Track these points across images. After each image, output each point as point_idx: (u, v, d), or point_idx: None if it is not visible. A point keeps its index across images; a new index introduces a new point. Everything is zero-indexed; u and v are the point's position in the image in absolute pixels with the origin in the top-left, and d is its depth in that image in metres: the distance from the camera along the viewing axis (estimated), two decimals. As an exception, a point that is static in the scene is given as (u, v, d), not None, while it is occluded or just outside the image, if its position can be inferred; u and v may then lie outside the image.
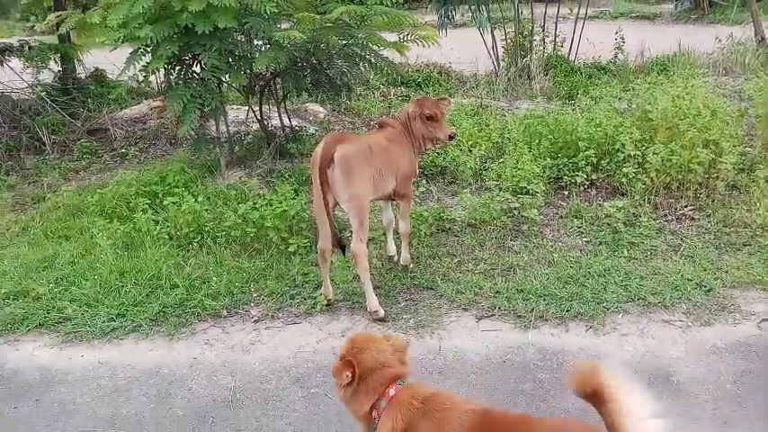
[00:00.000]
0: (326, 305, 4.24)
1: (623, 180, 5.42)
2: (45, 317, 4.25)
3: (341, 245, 4.12)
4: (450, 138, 4.58)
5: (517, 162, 5.71)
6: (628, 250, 4.73)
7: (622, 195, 5.49)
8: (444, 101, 4.63)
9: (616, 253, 4.71)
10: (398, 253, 4.71)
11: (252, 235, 4.92)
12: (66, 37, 9.38)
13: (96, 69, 9.78)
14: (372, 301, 4.06)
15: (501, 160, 5.98)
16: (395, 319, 4.07)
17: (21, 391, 3.62)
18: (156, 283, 4.49)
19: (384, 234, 4.86)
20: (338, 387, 2.30)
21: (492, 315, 4.06)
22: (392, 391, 2.23)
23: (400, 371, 2.28)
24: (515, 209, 5.18)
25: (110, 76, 9.62)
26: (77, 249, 5.02)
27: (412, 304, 4.23)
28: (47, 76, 8.90)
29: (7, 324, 4.20)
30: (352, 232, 4.11)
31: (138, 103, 8.79)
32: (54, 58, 8.99)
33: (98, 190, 5.76)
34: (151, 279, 4.52)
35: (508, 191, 5.42)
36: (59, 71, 9.34)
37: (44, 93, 8.21)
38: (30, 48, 8.72)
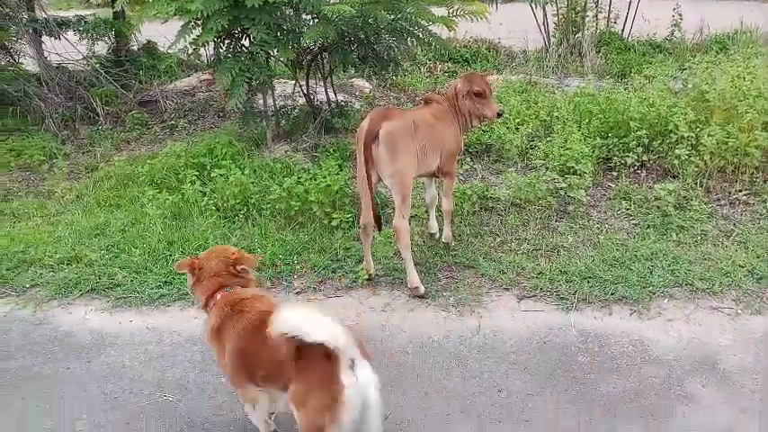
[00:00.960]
0: (367, 280, 4.27)
1: (675, 162, 5.25)
2: (97, 282, 4.41)
3: (378, 221, 4.12)
4: (498, 115, 4.51)
5: (565, 141, 5.59)
6: (677, 234, 4.60)
7: (673, 178, 5.33)
8: (491, 76, 4.54)
9: (664, 237, 4.59)
10: (440, 231, 4.69)
11: (296, 208, 4.97)
12: (120, 12, 9.59)
13: (148, 42, 9.97)
14: (413, 278, 4.07)
15: (549, 139, 5.86)
16: (435, 296, 4.08)
17: (73, 353, 3.78)
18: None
19: (426, 211, 4.85)
20: (189, 280, 2.92)
21: (534, 296, 4.02)
22: (218, 296, 2.81)
23: (227, 281, 2.83)
24: (562, 189, 5.09)
25: (161, 49, 9.79)
26: (128, 218, 5.18)
27: (452, 282, 4.22)
28: (101, 49, 9.13)
29: (61, 288, 4.38)
30: (394, 209, 4.12)
31: (188, 76, 8.94)
32: (108, 32, 9.21)
33: (148, 161, 5.91)
34: (198, 249, 4.61)
35: (555, 170, 5.32)
36: (113, 44, 9.57)
37: (98, 65, 8.41)
38: (85, 21, 8.96)
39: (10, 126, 7.28)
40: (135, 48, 9.88)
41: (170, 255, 4.60)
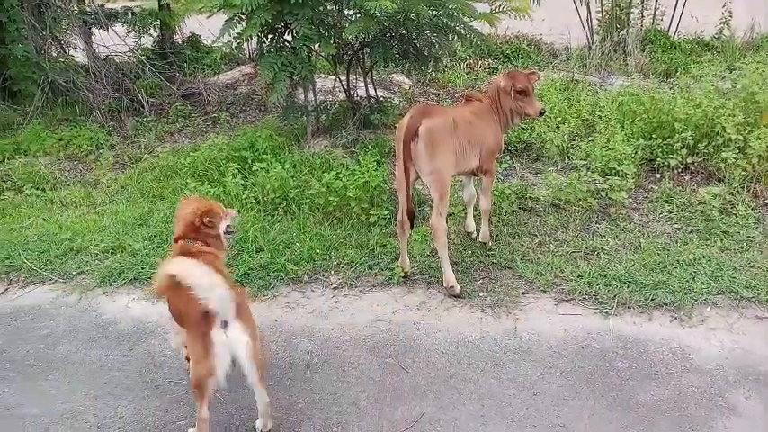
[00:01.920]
0: (403, 277, 4.28)
1: (721, 165, 5.12)
2: (139, 271, 4.53)
3: (412, 217, 4.10)
4: (540, 114, 4.46)
5: (608, 141, 5.49)
6: (721, 240, 4.49)
7: (719, 181, 5.19)
8: (534, 75, 4.50)
9: (708, 242, 4.49)
10: (478, 230, 4.67)
11: (334, 204, 5.01)
12: (165, 4, 9.78)
13: (192, 35, 10.14)
14: (449, 277, 4.07)
15: (590, 139, 5.77)
16: (471, 296, 4.07)
17: (116, 340, 3.89)
18: (242, 246, 4.68)
19: (464, 210, 4.84)
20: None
21: (572, 299, 3.97)
22: (180, 242, 3.23)
23: (188, 233, 3.25)
24: (603, 190, 5.00)
25: (204, 42, 9.96)
26: (170, 209, 5.28)
27: (489, 283, 4.21)
28: (147, 41, 9.32)
29: (105, 276, 4.51)
30: (432, 206, 4.11)
31: (231, 70, 9.07)
32: (154, 24, 9.40)
33: (191, 153, 6.02)
34: (238, 241, 4.71)
35: (596, 171, 5.24)
36: (158, 36, 9.76)
37: (144, 57, 8.59)
38: (132, 14, 9.16)
39: (59, 116, 7.50)
40: (179, 41, 10.06)
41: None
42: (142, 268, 4.54)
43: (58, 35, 8.46)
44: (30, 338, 3.93)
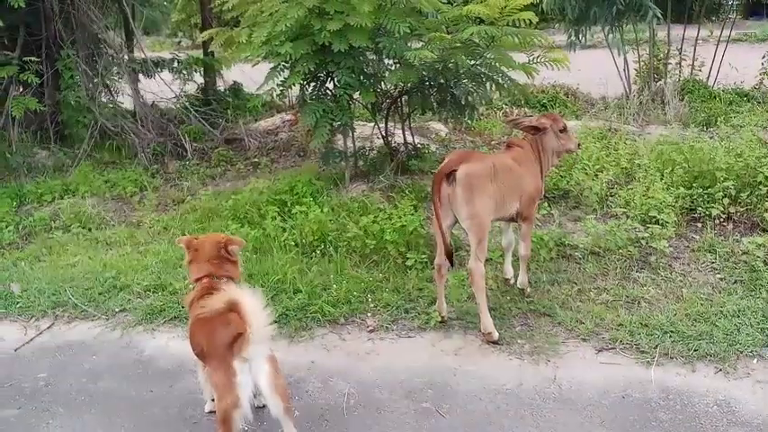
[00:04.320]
0: (440, 322, 4.26)
1: (765, 215, 5.03)
2: (179, 310, 4.60)
3: (450, 256, 4.09)
4: (578, 146, 4.80)
5: (647, 190, 5.46)
6: (767, 291, 4.37)
7: (763, 231, 5.09)
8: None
9: (753, 293, 4.37)
10: (516, 276, 4.65)
11: (371, 247, 5.06)
12: (209, 52, 10.22)
13: (234, 83, 10.54)
14: (487, 323, 4.03)
15: (630, 187, 5.74)
16: (509, 342, 4.02)
17: (157, 377, 3.94)
18: (280, 287, 4.73)
19: (502, 255, 4.83)
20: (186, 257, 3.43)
21: (612, 348, 3.89)
22: (205, 280, 3.28)
23: (217, 269, 3.32)
24: (643, 239, 4.95)
25: (245, 90, 10.35)
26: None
27: (527, 330, 4.16)
28: (191, 88, 9.71)
29: (147, 314, 4.60)
30: (469, 251, 4.12)
31: (271, 116, 9.35)
32: (198, 72, 9.81)
33: (232, 196, 6.18)
34: (277, 282, 4.77)
35: (636, 219, 5.20)
36: (202, 83, 10.17)
37: (188, 103, 8.93)
38: (179, 62, 9.59)
39: (106, 159, 7.82)
40: (221, 88, 10.46)
41: (250, 287, 4.73)
42: (182, 307, 4.61)
43: (108, 82, 8.88)
44: (74, 372, 4.01)
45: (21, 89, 7.79)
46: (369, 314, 4.46)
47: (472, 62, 6.18)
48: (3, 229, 6.08)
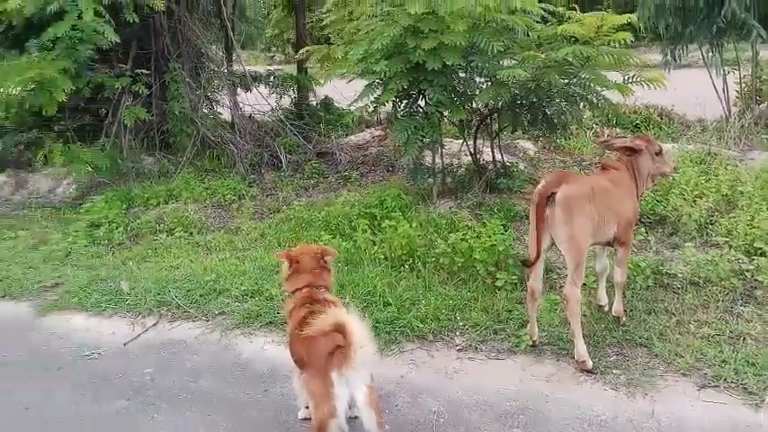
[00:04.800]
0: (531, 346, 4.21)
1: None
2: (275, 316, 4.77)
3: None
4: (675, 170, 4.67)
5: (752, 219, 5.20)
6: None
7: None
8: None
9: None
10: (610, 303, 4.54)
11: (459, 264, 5.07)
12: (303, 68, 10.60)
13: (326, 98, 10.87)
14: (581, 350, 3.95)
15: (732, 215, 5.49)
16: (603, 372, 3.92)
17: (253, 380, 4.10)
18: (370, 299, 4.83)
19: (596, 281, 4.72)
20: (283, 272, 3.58)
21: (716, 386, 3.71)
22: (305, 289, 3.42)
23: (316, 279, 3.47)
24: (748, 271, 4.71)
25: (336, 105, 10.65)
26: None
27: (623, 360, 4.04)
28: (285, 102, 10.09)
29: (245, 318, 4.80)
30: (557, 273, 4.06)
31: (361, 131, 9.57)
32: (292, 87, 10.20)
33: (325, 207, 6.37)
34: (366, 294, 4.87)
35: (740, 250, 4.96)
36: (295, 98, 10.55)
37: (283, 116, 9.28)
38: (275, 77, 10.00)
39: (207, 167, 8.24)
40: (314, 102, 10.81)
41: (341, 297, 4.86)
42: (277, 313, 4.79)
43: (209, 94, 9.37)
44: (176, 370, 4.24)
45: (131, 99, 8.33)
46: (457, 332, 4.48)
47: (566, 81, 6.12)
48: (113, 230, 6.54)
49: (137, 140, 8.50)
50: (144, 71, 8.19)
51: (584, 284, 4.76)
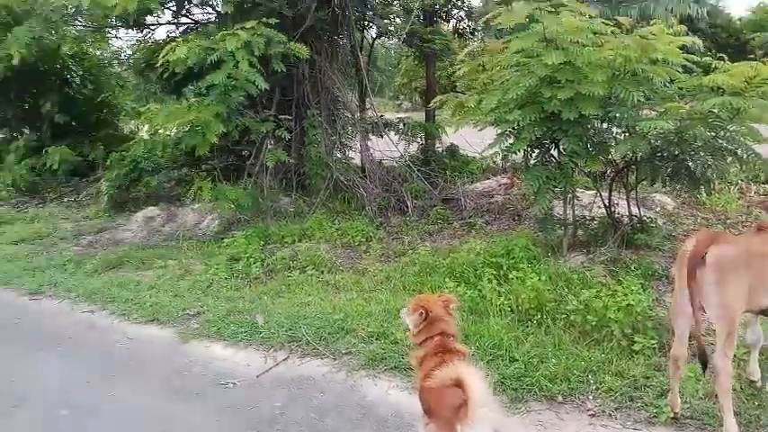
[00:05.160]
0: (672, 418, 3.91)
1: None
2: (399, 360, 4.80)
3: (704, 359, 3.77)
4: None
5: None
6: None
7: None
8: None
9: None
10: (764, 378, 4.13)
11: (593, 324, 4.85)
12: (432, 116, 10.84)
13: (451, 144, 11.02)
14: (731, 429, 3.60)
15: None
16: (757, 454, 3.56)
17: (377, 424, 4.12)
18: (496, 353, 4.73)
19: (747, 353, 4.32)
20: (414, 323, 3.52)
21: None
22: (437, 338, 3.42)
23: (447, 327, 3.48)
24: None
25: (462, 152, 10.75)
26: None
27: (780, 443, 3.65)
28: (413, 149, 10.34)
29: (370, 360, 4.87)
30: (702, 342, 3.74)
31: (487, 179, 9.57)
32: (420, 134, 10.46)
33: (450, 254, 6.38)
34: (492, 347, 4.77)
35: None
36: (422, 145, 10.79)
37: (410, 162, 9.51)
38: (404, 124, 10.31)
39: (338, 209, 8.59)
40: (440, 149, 10.99)
41: (466, 347, 4.81)
42: (402, 358, 4.81)
43: (343, 140, 9.81)
44: (304, 406, 4.37)
45: (273, 142, 8.91)
46: (590, 396, 4.26)
47: (712, 134, 5.79)
48: (251, 265, 6.95)
49: (276, 181, 9.05)
50: (287, 117, 8.75)
51: (734, 355, 4.38)
